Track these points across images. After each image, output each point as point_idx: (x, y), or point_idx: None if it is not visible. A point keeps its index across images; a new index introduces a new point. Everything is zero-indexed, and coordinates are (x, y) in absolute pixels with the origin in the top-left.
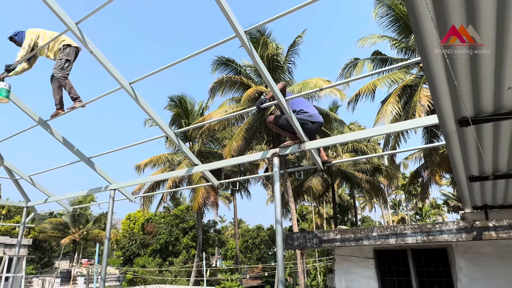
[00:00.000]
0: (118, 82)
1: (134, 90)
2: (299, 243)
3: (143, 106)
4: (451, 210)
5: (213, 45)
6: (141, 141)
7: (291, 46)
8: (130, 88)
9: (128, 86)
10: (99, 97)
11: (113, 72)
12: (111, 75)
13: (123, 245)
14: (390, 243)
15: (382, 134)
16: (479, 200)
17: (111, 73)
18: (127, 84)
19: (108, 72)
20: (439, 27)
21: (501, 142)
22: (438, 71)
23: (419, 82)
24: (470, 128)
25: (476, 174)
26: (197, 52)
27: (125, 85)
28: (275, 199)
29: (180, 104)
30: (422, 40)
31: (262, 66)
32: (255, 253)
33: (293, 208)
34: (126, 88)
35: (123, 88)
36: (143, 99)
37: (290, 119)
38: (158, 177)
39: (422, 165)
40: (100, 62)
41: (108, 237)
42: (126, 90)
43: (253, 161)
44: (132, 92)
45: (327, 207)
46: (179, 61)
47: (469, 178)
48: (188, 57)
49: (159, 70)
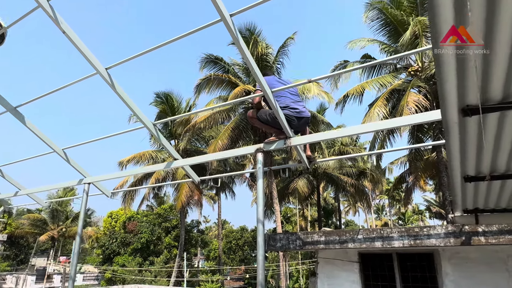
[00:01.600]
0: (93, 66)
1: (110, 76)
2: (282, 245)
3: (119, 93)
4: (433, 216)
5: (196, 28)
6: (118, 132)
7: (282, 47)
8: (106, 74)
9: (104, 72)
10: (73, 83)
11: (88, 55)
12: (86, 58)
13: (103, 243)
14: (376, 246)
15: (373, 130)
16: (471, 203)
17: (86, 56)
18: (103, 70)
19: (82, 55)
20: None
21: (503, 136)
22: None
23: (407, 87)
24: (473, 118)
25: (472, 173)
26: (180, 36)
27: (101, 71)
28: (257, 197)
29: (166, 100)
30: (435, 16)
31: (248, 53)
32: (238, 254)
33: (277, 209)
34: (102, 74)
35: (99, 73)
36: (119, 86)
37: (276, 114)
38: (135, 171)
39: (407, 171)
40: (73, 43)
41: (80, 234)
42: (102, 76)
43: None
44: (109, 78)
45: (312, 209)
46: (161, 45)
47: (464, 178)
48: (170, 41)
49: (139, 55)
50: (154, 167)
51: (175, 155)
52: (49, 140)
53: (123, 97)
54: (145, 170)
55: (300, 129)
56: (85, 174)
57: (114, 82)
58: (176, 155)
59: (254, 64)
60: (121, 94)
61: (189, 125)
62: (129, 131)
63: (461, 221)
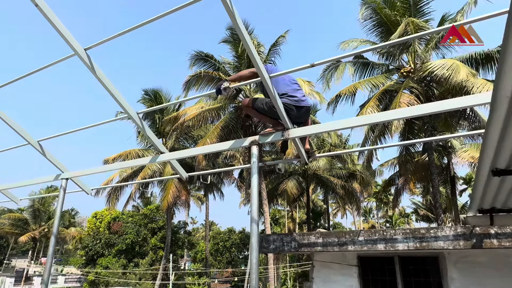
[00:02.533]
0: (71, 47)
1: (90, 58)
2: (276, 247)
3: (99, 77)
4: (419, 219)
5: (185, 4)
6: (99, 123)
7: (273, 46)
8: (85, 55)
9: (83, 53)
10: (49, 65)
11: (64, 33)
12: (63, 37)
13: (86, 244)
14: (378, 249)
15: (394, 119)
16: (489, 201)
17: (62, 35)
18: (82, 51)
19: (57, 32)
20: None
21: None
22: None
23: (399, 88)
24: None
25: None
26: (166, 12)
27: (80, 51)
28: (251, 195)
29: (155, 98)
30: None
31: (244, 31)
32: (225, 256)
33: (266, 211)
34: (80, 55)
35: (77, 54)
36: (100, 70)
37: (274, 102)
38: (116, 165)
39: (397, 173)
40: (48, 19)
41: (55, 234)
42: (80, 57)
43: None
44: (88, 60)
45: (300, 211)
46: (143, 23)
47: (492, 172)
48: (154, 19)
49: (119, 34)
50: (139, 161)
51: (161, 149)
52: (23, 130)
53: (103, 81)
54: (128, 164)
55: (300, 120)
56: (63, 169)
57: (94, 65)
58: (163, 148)
59: (251, 43)
60: (101, 78)
61: (177, 123)
62: (111, 121)
63: (474, 222)
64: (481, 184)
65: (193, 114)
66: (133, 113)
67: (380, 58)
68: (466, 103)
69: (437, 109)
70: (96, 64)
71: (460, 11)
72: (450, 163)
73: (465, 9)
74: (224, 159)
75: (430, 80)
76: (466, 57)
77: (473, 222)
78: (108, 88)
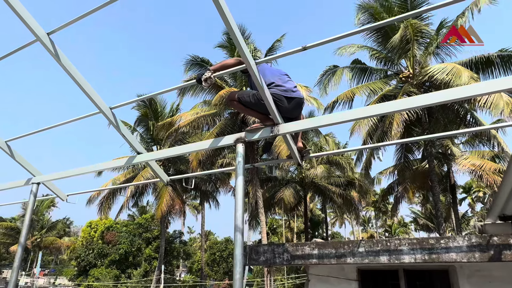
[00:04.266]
0: (32, 31)
1: (53, 43)
2: (266, 259)
3: (64, 64)
4: (418, 229)
5: None
6: (70, 120)
7: (269, 50)
8: (48, 41)
9: (46, 37)
10: (8, 55)
11: (25, 16)
12: (21, 20)
13: (79, 254)
14: (381, 262)
15: (395, 110)
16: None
17: (21, 17)
18: (44, 35)
19: (17, 15)
20: None
21: None
22: None
23: (398, 93)
24: None
25: None
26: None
27: (41, 36)
28: (236, 199)
29: (149, 104)
30: None
31: (228, 12)
32: (222, 266)
33: (263, 220)
34: (42, 40)
35: (39, 40)
36: (65, 56)
37: (261, 92)
38: (90, 169)
39: (395, 181)
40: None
41: (23, 244)
42: (42, 42)
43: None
44: (51, 46)
45: (298, 221)
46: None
47: None
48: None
49: (86, 14)
50: (113, 163)
51: (139, 148)
52: None
53: (69, 70)
54: (105, 166)
55: (292, 116)
56: (35, 173)
57: (57, 51)
58: (140, 148)
59: (232, 19)
60: (66, 66)
61: (171, 128)
62: (82, 118)
63: (493, 230)
64: (508, 184)
65: (188, 120)
66: (105, 107)
67: (378, 64)
68: (474, 92)
69: (442, 99)
70: (60, 51)
71: (461, 16)
72: (450, 171)
73: (466, 14)
74: (220, 166)
75: (429, 85)
76: (465, 61)
77: (491, 230)
78: (74, 78)
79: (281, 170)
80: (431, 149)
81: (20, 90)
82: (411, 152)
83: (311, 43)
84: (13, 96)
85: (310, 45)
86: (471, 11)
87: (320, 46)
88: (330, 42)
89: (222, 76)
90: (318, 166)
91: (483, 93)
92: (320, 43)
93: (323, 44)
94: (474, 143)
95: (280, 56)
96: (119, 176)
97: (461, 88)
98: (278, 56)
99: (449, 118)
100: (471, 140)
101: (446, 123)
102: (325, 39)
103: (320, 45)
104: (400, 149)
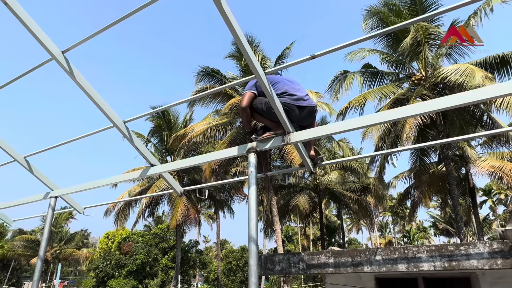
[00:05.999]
0: (47, 50)
1: (68, 60)
2: (282, 268)
3: (79, 82)
4: (438, 234)
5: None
6: (86, 134)
7: (279, 58)
8: (63, 59)
9: (61, 56)
10: (25, 74)
11: (40, 36)
12: (36, 39)
13: (97, 265)
14: (399, 269)
15: (410, 115)
16: None
17: (36, 37)
18: (58, 53)
19: (32, 35)
20: None
21: None
22: None
23: (410, 96)
24: None
25: None
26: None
27: (57, 55)
28: (249, 209)
29: (163, 115)
30: None
31: (232, 18)
32: (238, 275)
33: (278, 228)
34: (57, 58)
35: (54, 58)
36: (79, 73)
37: (271, 101)
38: (107, 182)
39: (412, 185)
40: (19, 18)
41: (42, 257)
42: (58, 61)
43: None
44: (66, 63)
45: (314, 228)
46: (129, 14)
47: None
48: (144, 5)
49: (97, 33)
50: (128, 175)
51: (152, 160)
52: (7, 146)
53: (83, 86)
54: (120, 179)
55: (304, 124)
56: (52, 187)
57: (72, 68)
58: (154, 160)
59: (240, 32)
60: (81, 83)
61: (185, 139)
62: (97, 132)
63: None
64: None
65: (201, 130)
66: (119, 121)
67: (389, 67)
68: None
69: (459, 102)
70: (75, 68)
71: (473, 16)
72: (468, 173)
73: (478, 13)
74: (233, 174)
75: (443, 87)
76: (479, 61)
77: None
78: (88, 94)
79: (294, 177)
80: (448, 152)
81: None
82: (427, 155)
83: (319, 51)
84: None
85: (319, 54)
86: (483, 10)
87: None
88: (339, 50)
89: (234, 86)
90: (332, 172)
91: (501, 94)
92: (329, 51)
93: (332, 52)
94: (492, 144)
95: (288, 65)
96: (135, 187)
97: (477, 90)
98: (286, 66)
99: (465, 119)
100: (489, 141)
101: (462, 125)
102: (334, 47)
103: (329, 53)
104: (415, 152)
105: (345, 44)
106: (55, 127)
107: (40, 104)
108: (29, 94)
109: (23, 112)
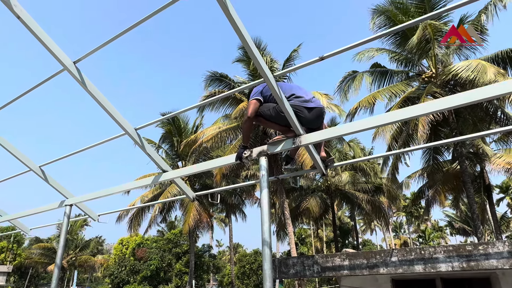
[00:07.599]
0: (59, 61)
1: (79, 70)
2: (296, 271)
3: (90, 90)
4: (454, 233)
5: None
6: (97, 143)
7: (287, 61)
8: (74, 69)
9: (72, 66)
10: (39, 85)
11: (52, 47)
12: (49, 51)
13: (112, 271)
14: (416, 270)
15: (423, 114)
16: None
17: (49, 49)
18: (70, 64)
19: (44, 47)
20: None
21: None
22: None
23: (421, 94)
24: None
25: None
26: (163, 6)
27: (68, 65)
28: (262, 212)
29: (173, 121)
30: None
31: (237, 18)
32: (252, 279)
33: (291, 231)
34: (69, 69)
35: (66, 69)
36: (91, 83)
37: (281, 104)
38: (117, 189)
39: (426, 184)
40: (32, 31)
41: (59, 265)
42: (69, 71)
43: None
44: (77, 73)
45: (327, 230)
46: (139, 22)
47: None
48: (154, 13)
49: (110, 41)
50: (141, 181)
51: (164, 167)
52: (23, 156)
53: (95, 95)
54: (132, 186)
55: (313, 126)
56: (67, 195)
57: (84, 78)
58: (166, 166)
59: (248, 37)
60: (93, 92)
61: (195, 145)
62: (109, 140)
63: None
64: None
65: (211, 135)
66: (131, 128)
67: (398, 65)
68: (507, 90)
69: (472, 99)
70: (87, 78)
71: (483, 11)
72: (483, 170)
73: (489, 8)
74: (245, 178)
75: (454, 84)
76: (491, 56)
77: None
78: (100, 103)
79: (306, 179)
80: (462, 149)
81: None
82: (440, 154)
83: (328, 53)
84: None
85: (327, 55)
86: (494, 5)
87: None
88: (347, 50)
89: (242, 91)
90: (342, 172)
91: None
92: (336, 52)
93: (340, 52)
94: (508, 140)
95: (297, 68)
96: (147, 193)
97: (489, 86)
98: (295, 68)
99: (478, 116)
100: (504, 138)
101: (476, 122)
102: (342, 48)
103: (338, 54)
104: (428, 151)
105: (354, 44)
106: (68, 135)
107: (52, 112)
108: (41, 103)
109: (40, 122)
